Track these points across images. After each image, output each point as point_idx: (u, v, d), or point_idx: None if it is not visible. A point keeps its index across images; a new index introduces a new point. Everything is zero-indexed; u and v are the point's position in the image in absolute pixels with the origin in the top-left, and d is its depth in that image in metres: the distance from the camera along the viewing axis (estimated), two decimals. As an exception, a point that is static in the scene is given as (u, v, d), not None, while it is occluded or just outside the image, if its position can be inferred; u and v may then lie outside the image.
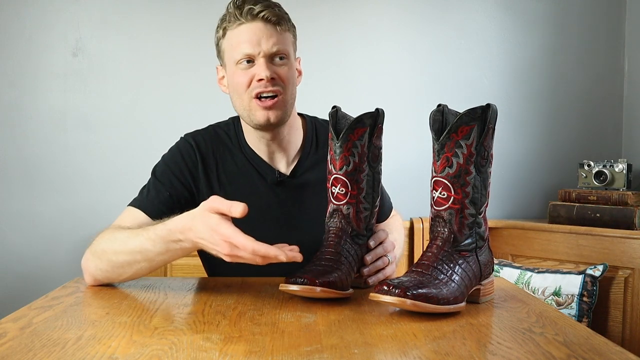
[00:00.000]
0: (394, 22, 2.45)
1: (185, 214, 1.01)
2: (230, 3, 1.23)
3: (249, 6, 1.20)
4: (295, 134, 1.33)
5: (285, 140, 1.31)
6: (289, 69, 1.23)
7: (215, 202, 0.97)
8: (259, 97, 1.21)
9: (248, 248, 0.92)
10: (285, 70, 1.23)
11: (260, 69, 1.20)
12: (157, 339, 0.79)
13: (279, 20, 1.21)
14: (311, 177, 1.31)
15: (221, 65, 1.29)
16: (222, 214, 0.95)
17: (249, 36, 1.20)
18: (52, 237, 2.25)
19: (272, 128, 1.26)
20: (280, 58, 1.22)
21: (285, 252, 0.94)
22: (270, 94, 1.21)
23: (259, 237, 1.27)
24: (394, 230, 1.35)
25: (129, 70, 2.30)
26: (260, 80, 1.20)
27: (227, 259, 0.96)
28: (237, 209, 0.94)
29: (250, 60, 1.21)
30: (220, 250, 0.95)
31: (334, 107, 1.11)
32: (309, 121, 1.38)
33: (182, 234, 1.00)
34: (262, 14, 1.20)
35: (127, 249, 1.08)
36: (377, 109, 1.09)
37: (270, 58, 1.21)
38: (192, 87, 2.31)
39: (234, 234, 0.94)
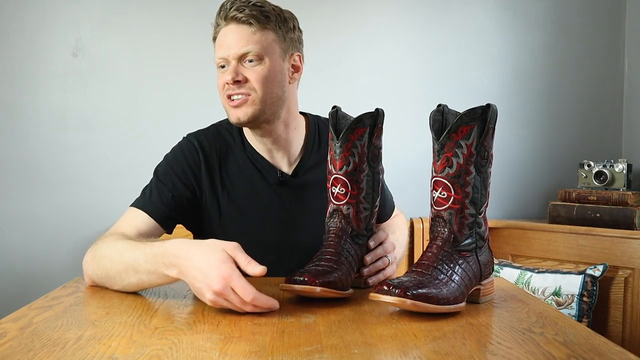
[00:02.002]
0: (394, 22, 2.45)
1: (190, 240, 0.98)
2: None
3: (224, 9, 1.21)
4: (296, 134, 1.32)
5: (282, 138, 1.30)
6: (262, 69, 1.21)
7: (236, 249, 0.93)
8: (230, 98, 1.22)
9: (248, 295, 0.89)
10: (256, 71, 1.21)
11: (226, 72, 1.21)
12: (157, 339, 0.79)
13: (251, 19, 1.20)
14: (313, 176, 1.31)
15: None
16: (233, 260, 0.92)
17: (222, 39, 1.22)
18: (52, 237, 2.25)
19: (249, 126, 1.26)
20: (251, 60, 1.20)
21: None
22: (238, 97, 1.21)
23: (261, 238, 1.27)
24: (396, 229, 1.35)
25: (129, 70, 2.30)
26: (228, 83, 1.20)
27: (209, 298, 0.90)
28: (255, 268, 0.91)
29: (225, 64, 1.22)
30: (211, 285, 0.89)
31: (334, 107, 1.11)
32: (311, 120, 1.38)
33: (175, 258, 0.96)
34: (233, 14, 1.19)
35: (122, 260, 1.05)
36: (377, 109, 1.09)
37: (241, 59, 1.21)
38: (193, 87, 2.31)
39: (237, 277, 0.89)
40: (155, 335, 0.81)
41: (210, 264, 0.91)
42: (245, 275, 0.91)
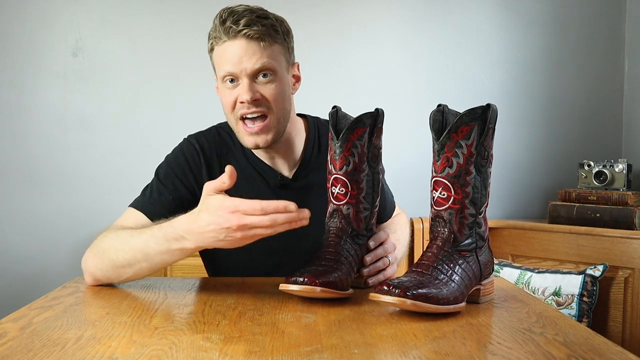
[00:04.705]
0: (394, 22, 2.45)
1: (190, 212, 1.01)
2: (216, 16, 1.19)
3: (230, 23, 1.16)
4: (296, 138, 1.31)
5: (284, 148, 1.29)
6: (276, 85, 1.19)
7: (208, 184, 0.98)
8: (243, 119, 1.20)
9: (257, 207, 0.92)
10: (271, 88, 1.19)
11: (243, 91, 1.17)
12: (157, 339, 0.79)
13: (263, 35, 1.16)
14: (314, 179, 1.30)
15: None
16: (220, 192, 0.96)
17: (231, 55, 1.17)
18: (52, 237, 2.25)
19: (263, 149, 1.25)
20: (265, 75, 1.18)
21: (293, 207, 0.93)
22: (255, 115, 1.19)
23: (263, 241, 1.27)
24: (397, 229, 1.34)
25: (129, 70, 2.30)
26: (243, 102, 1.18)
27: (239, 237, 0.94)
28: (226, 175, 0.95)
29: (234, 79, 1.19)
30: (231, 226, 0.93)
31: (334, 107, 1.11)
32: (311, 123, 1.36)
33: (185, 232, 0.99)
34: (244, 31, 1.15)
35: (129, 247, 1.06)
36: (376, 109, 1.09)
37: (254, 76, 1.18)
38: (192, 88, 2.31)
39: (240, 201, 0.93)
40: (155, 335, 0.81)
41: (215, 212, 0.94)
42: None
